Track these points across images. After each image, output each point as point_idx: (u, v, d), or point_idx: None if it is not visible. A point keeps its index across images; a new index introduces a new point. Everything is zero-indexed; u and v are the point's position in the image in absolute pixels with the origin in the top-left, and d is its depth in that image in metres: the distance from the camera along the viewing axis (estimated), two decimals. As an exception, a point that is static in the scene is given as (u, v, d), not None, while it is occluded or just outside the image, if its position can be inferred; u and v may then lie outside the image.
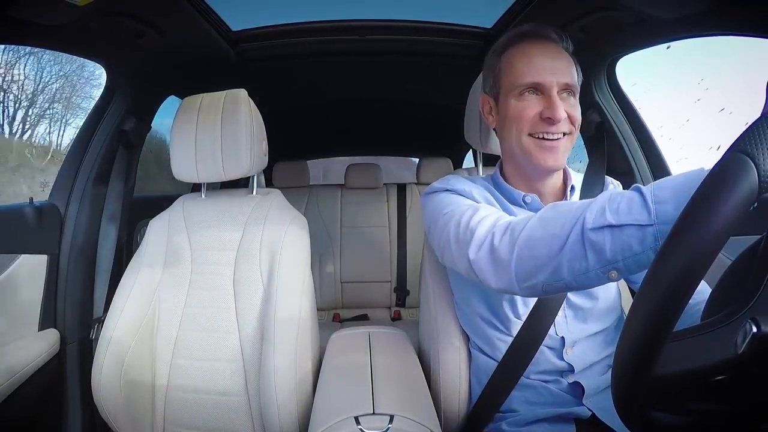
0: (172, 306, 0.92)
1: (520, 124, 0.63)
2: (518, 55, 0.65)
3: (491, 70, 0.69)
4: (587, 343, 0.69)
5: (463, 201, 0.65)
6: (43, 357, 0.96)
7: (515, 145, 0.65)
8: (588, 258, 0.44)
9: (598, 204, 0.44)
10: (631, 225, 0.41)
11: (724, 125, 1.55)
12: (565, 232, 0.46)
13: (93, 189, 1.11)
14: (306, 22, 1.15)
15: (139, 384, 0.88)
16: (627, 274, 0.43)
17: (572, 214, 0.46)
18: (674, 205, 0.39)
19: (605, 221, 0.42)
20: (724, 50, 1.42)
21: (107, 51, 1.01)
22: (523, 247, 0.49)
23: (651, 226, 0.40)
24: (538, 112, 0.62)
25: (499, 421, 0.69)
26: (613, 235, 0.42)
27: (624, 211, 0.42)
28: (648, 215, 0.40)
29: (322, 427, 0.55)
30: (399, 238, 1.92)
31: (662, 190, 0.40)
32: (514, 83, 0.64)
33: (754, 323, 0.27)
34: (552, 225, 0.48)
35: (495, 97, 0.69)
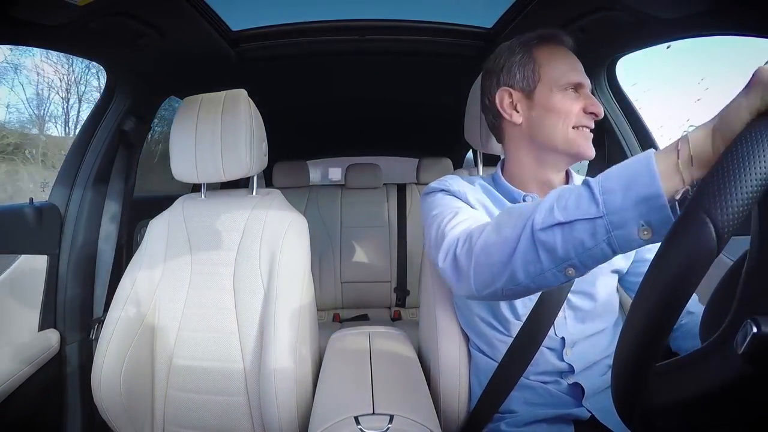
0: (172, 306, 0.92)
1: (569, 117, 0.65)
2: (557, 54, 0.68)
3: (524, 63, 0.68)
4: (587, 343, 0.69)
5: (451, 203, 0.66)
6: (43, 357, 0.96)
7: (560, 137, 0.66)
8: (541, 259, 0.44)
9: (547, 203, 0.44)
10: (580, 220, 0.40)
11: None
12: (516, 235, 0.45)
13: (93, 189, 1.11)
14: (306, 22, 1.15)
15: (139, 384, 0.88)
16: (585, 270, 0.43)
17: (523, 215, 0.46)
18: (622, 194, 0.38)
19: (554, 219, 0.42)
20: (724, 50, 1.41)
21: (107, 51, 1.01)
22: (480, 254, 0.49)
23: (600, 218, 0.39)
24: (582, 107, 0.65)
25: (498, 421, 0.70)
26: (563, 233, 0.42)
27: (572, 206, 0.41)
28: (597, 207, 0.39)
29: (322, 426, 0.55)
30: (399, 238, 1.92)
31: (609, 180, 0.40)
32: (560, 79, 0.66)
33: (754, 323, 0.27)
34: (504, 229, 0.48)
35: (528, 91, 0.68)
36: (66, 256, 1.06)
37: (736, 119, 0.34)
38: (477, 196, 0.72)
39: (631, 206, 0.37)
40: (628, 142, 1.11)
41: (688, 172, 0.36)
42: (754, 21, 0.68)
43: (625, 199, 0.38)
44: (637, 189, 0.37)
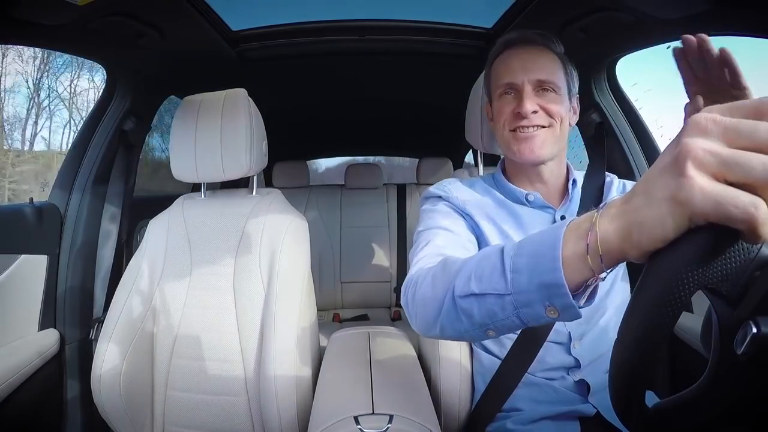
0: (172, 306, 0.92)
1: (500, 121, 0.70)
2: (499, 61, 0.72)
3: (486, 77, 0.76)
4: (594, 335, 0.69)
5: (437, 221, 0.68)
6: (43, 357, 0.96)
7: (501, 142, 0.72)
8: (462, 321, 0.45)
9: (468, 269, 0.45)
10: (491, 294, 0.41)
11: (724, 125, 1.53)
12: (441, 296, 0.47)
13: (93, 189, 1.11)
14: (306, 22, 1.15)
15: (139, 384, 0.88)
16: (504, 333, 0.44)
17: (450, 276, 0.47)
18: (527, 276, 0.38)
19: (470, 290, 0.43)
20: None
21: (107, 51, 1.01)
22: (418, 304, 0.52)
23: (509, 296, 0.39)
24: (512, 109, 0.68)
25: (503, 419, 0.69)
26: (478, 302, 0.42)
27: (486, 279, 0.42)
28: (505, 285, 0.39)
29: (322, 426, 0.55)
30: (399, 238, 1.92)
31: (519, 257, 0.39)
32: (495, 85, 0.71)
33: (754, 323, 0.27)
34: (437, 284, 0.49)
35: (491, 100, 0.75)
36: (66, 256, 1.06)
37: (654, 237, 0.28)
38: (477, 198, 0.72)
39: (535, 289, 0.37)
40: (628, 142, 1.11)
41: (598, 265, 0.33)
42: (754, 21, 0.68)
43: (529, 282, 0.37)
44: (541, 275, 0.36)
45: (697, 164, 0.25)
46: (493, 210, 0.71)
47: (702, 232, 0.26)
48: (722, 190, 0.24)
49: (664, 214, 0.27)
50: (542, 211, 0.71)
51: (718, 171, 0.25)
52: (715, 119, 0.25)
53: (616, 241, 0.31)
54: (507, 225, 0.70)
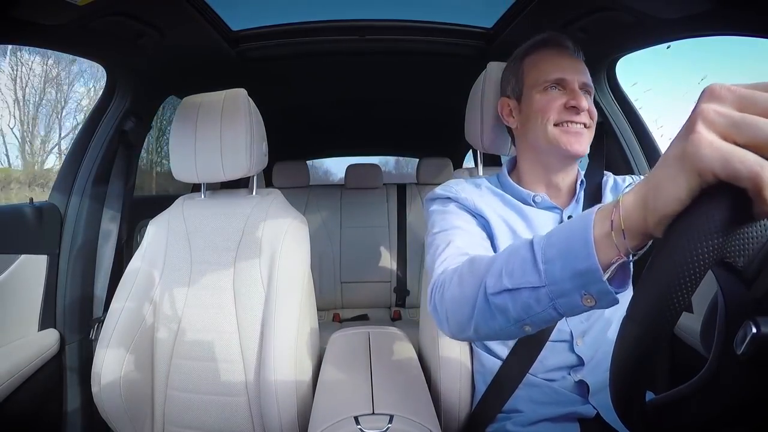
0: (172, 306, 0.92)
1: (546, 115, 0.67)
2: (542, 57, 0.71)
3: (514, 73, 0.74)
4: (597, 332, 0.69)
5: (451, 221, 0.66)
6: (43, 357, 0.96)
7: (541, 137, 0.68)
8: (497, 318, 0.44)
9: (498, 265, 0.44)
10: (525, 288, 0.40)
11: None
12: (473, 295, 0.46)
13: (93, 189, 1.11)
14: (306, 22, 1.15)
15: (139, 384, 0.88)
16: (541, 327, 0.43)
17: (479, 274, 0.46)
18: (561, 265, 0.37)
19: (502, 285, 0.43)
20: (724, 50, 1.40)
21: (107, 51, 1.01)
22: (449, 307, 0.51)
23: (543, 287, 0.39)
24: (563, 102, 0.66)
25: (503, 420, 0.69)
26: (512, 298, 0.42)
27: (518, 273, 0.41)
28: (539, 277, 0.39)
29: (322, 426, 0.56)
30: (399, 238, 1.91)
31: (551, 247, 0.39)
32: (539, 79, 0.69)
33: (754, 323, 0.27)
34: (465, 284, 0.48)
35: (518, 97, 0.73)
36: (66, 256, 1.06)
37: (669, 198, 0.28)
38: (485, 199, 0.71)
39: (569, 278, 0.37)
40: (628, 142, 1.11)
41: (622, 242, 0.33)
42: (754, 21, 0.68)
43: (563, 271, 0.37)
44: (574, 262, 0.36)
45: (708, 123, 0.26)
46: (503, 210, 0.71)
47: (716, 200, 0.26)
48: (730, 147, 0.25)
49: (676, 172, 0.28)
50: (549, 211, 0.71)
51: (727, 131, 0.25)
52: (730, 88, 0.26)
53: (636, 212, 0.32)
54: (517, 225, 0.69)
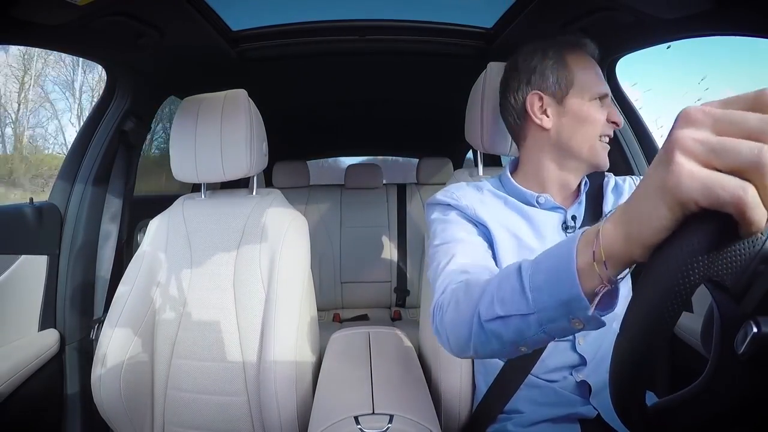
0: (172, 306, 0.92)
1: (596, 127, 0.66)
2: (587, 63, 0.69)
3: (557, 68, 0.68)
4: (599, 331, 0.68)
5: (453, 234, 0.65)
6: (43, 357, 0.96)
7: (586, 146, 0.67)
8: (493, 342, 0.46)
9: (490, 292, 0.45)
10: (515, 315, 0.41)
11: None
12: (469, 320, 0.47)
13: (93, 189, 1.11)
14: (306, 22, 1.15)
15: (139, 384, 0.88)
16: (536, 347, 0.44)
17: (474, 301, 0.47)
18: (548, 293, 0.38)
19: (494, 313, 0.44)
20: (724, 50, 1.40)
21: (107, 51, 1.01)
22: (449, 329, 0.52)
23: (533, 314, 0.40)
24: (606, 117, 0.67)
25: (504, 421, 0.69)
26: (505, 324, 0.43)
27: (508, 301, 0.42)
28: (527, 304, 0.40)
29: (322, 426, 0.56)
30: (399, 238, 1.92)
31: (538, 274, 0.40)
32: (592, 89, 0.67)
33: (755, 323, 0.27)
34: (461, 311, 0.49)
35: (559, 97, 0.68)
36: (66, 256, 1.06)
37: (653, 229, 0.28)
38: (486, 205, 0.70)
39: (556, 306, 0.37)
40: (627, 142, 1.11)
41: (605, 272, 0.33)
42: (754, 21, 0.68)
43: (550, 299, 0.38)
44: (560, 292, 0.37)
45: (685, 152, 0.25)
46: (504, 214, 0.70)
47: (701, 222, 0.26)
48: (709, 174, 0.25)
49: (658, 203, 0.27)
50: (553, 211, 0.71)
51: (706, 158, 0.25)
52: (704, 110, 0.26)
53: (618, 243, 0.31)
54: (520, 229, 0.69)
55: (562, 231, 0.69)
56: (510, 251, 0.66)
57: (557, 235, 0.69)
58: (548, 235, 0.68)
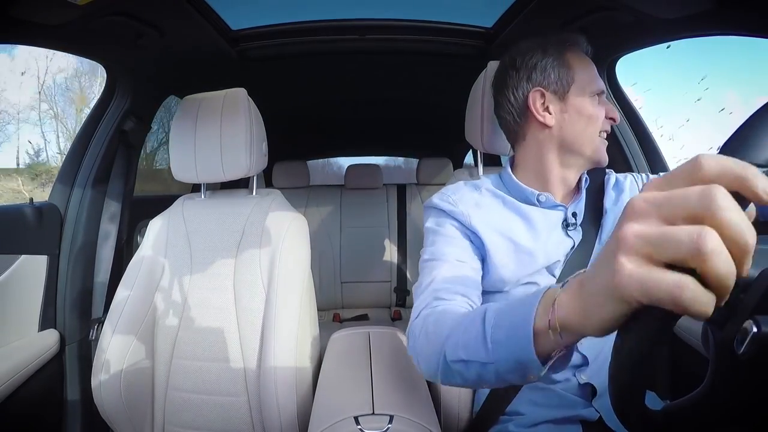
0: (172, 306, 0.92)
1: (597, 123, 0.67)
2: (585, 60, 0.70)
3: (557, 66, 0.67)
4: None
5: (439, 248, 0.67)
6: (43, 357, 0.96)
7: (587, 143, 0.68)
8: (457, 378, 0.49)
9: (456, 336, 0.48)
10: (476, 361, 0.44)
11: (724, 125, 1.54)
12: (436, 354, 0.50)
13: (93, 189, 1.11)
14: (306, 21, 1.15)
15: (139, 384, 0.88)
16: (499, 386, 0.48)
17: (441, 338, 0.50)
18: (505, 349, 0.40)
19: (458, 356, 0.46)
20: (724, 50, 1.40)
21: (107, 51, 1.01)
22: (420, 357, 0.55)
23: (492, 364, 0.42)
24: (605, 114, 0.68)
25: (505, 422, 0.69)
26: (467, 367, 0.46)
27: (471, 347, 0.44)
28: (487, 354, 0.42)
29: (322, 426, 0.55)
30: (399, 238, 1.92)
31: (498, 329, 0.41)
32: (591, 85, 0.68)
33: (754, 323, 0.27)
34: (431, 341, 0.52)
35: (561, 94, 0.67)
36: (66, 256, 1.06)
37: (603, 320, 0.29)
38: (484, 205, 0.70)
39: (513, 362, 0.40)
40: (627, 142, 1.11)
41: (559, 340, 0.34)
42: (754, 21, 0.68)
43: (507, 355, 0.40)
44: (516, 352, 0.38)
45: (627, 251, 0.25)
46: (501, 216, 0.70)
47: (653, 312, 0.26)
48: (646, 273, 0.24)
49: (605, 300, 0.28)
50: (553, 209, 0.71)
51: (647, 254, 0.25)
52: (647, 198, 0.25)
53: (574, 317, 0.32)
54: (516, 232, 0.68)
55: (563, 229, 0.69)
56: (506, 255, 0.67)
57: (557, 234, 0.69)
58: (546, 234, 0.68)
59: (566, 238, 0.69)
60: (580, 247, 0.68)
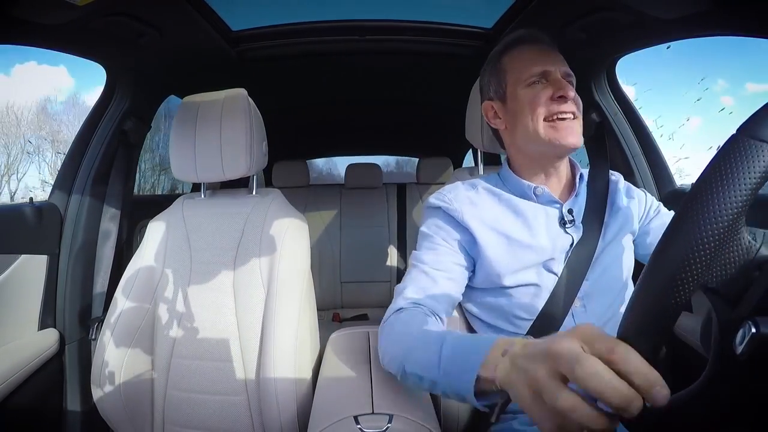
0: (172, 306, 0.92)
1: (535, 110, 0.66)
2: (521, 53, 0.71)
3: (494, 74, 0.73)
4: (605, 328, 0.68)
5: (426, 257, 0.69)
6: (43, 357, 0.96)
7: (532, 135, 0.67)
8: (414, 385, 0.56)
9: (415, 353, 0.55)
10: (428, 378, 0.52)
11: (724, 125, 1.54)
12: (397, 362, 0.57)
13: (93, 189, 1.11)
14: (306, 22, 1.15)
15: (139, 384, 0.88)
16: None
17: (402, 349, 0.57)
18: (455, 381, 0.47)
19: (414, 370, 0.54)
20: (724, 50, 1.40)
21: (107, 51, 1.01)
22: (384, 358, 0.62)
23: (440, 385, 0.50)
24: (549, 95, 0.66)
25: (509, 420, 0.69)
26: (421, 380, 0.53)
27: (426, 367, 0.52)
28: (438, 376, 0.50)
29: (322, 426, 0.56)
30: (399, 237, 1.92)
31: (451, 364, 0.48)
32: (522, 76, 0.68)
33: (754, 324, 0.27)
34: (394, 350, 0.59)
35: (501, 97, 0.72)
36: (66, 256, 1.06)
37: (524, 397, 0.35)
38: (478, 203, 0.71)
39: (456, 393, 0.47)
40: (628, 142, 1.11)
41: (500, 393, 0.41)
42: (754, 21, 0.68)
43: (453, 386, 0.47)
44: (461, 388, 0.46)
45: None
46: (496, 213, 0.71)
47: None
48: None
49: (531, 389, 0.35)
50: (549, 206, 0.71)
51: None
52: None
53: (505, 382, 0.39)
54: (510, 227, 0.69)
55: (560, 227, 0.70)
56: (499, 250, 0.68)
57: (553, 231, 0.69)
58: (542, 230, 0.69)
59: (564, 234, 0.69)
60: (581, 244, 0.68)
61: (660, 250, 0.30)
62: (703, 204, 0.28)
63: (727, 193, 0.27)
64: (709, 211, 0.28)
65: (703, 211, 0.28)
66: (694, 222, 0.28)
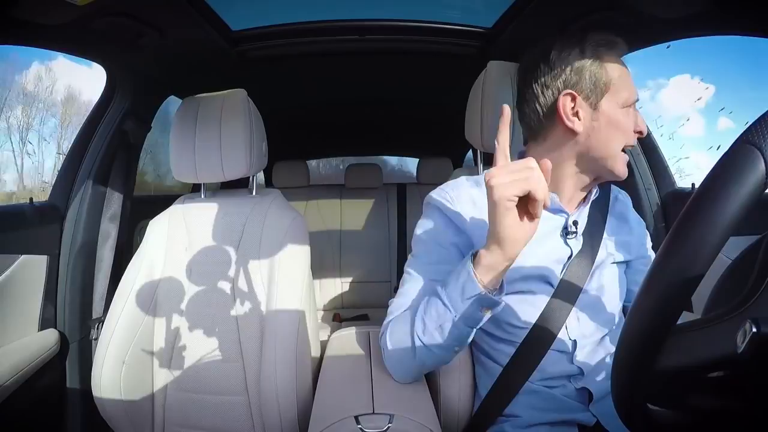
0: (172, 306, 0.92)
1: (627, 136, 0.64)
2: (623, 67, 0.65)
3: (593, 72, 0.63)
4: (597, 343, 0.68)
5: (418, 264, 0.71)
6: (43, 357, 0.96)
7: (613, 153, 0.64)
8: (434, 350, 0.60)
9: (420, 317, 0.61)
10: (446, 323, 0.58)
11: (724, 125, 1.53)
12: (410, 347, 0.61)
13: (93, 189, 1.11)
14: (306, 22, 1.15)
15: (139, 384, 0.88)
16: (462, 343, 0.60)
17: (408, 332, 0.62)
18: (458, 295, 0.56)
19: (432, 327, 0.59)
20: (724, 50, 1.39)
21: (107, 51, 1.01)
22: (393, 365, 0.66)
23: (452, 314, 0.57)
24: (633, 127, 0.64)
25: (502, 422, 0.69)
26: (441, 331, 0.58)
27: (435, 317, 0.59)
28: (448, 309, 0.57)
29: (322, 426, 0.56)
30: (399, 237, 1.92)
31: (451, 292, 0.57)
32: (627, 96, 0.63)
33: (754, 323, 0.27)
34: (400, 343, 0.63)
35: (595, 100, 0.63)
36: (66, 256, 1.06)
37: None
38: (481, 204, 0.68)
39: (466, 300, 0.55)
40: (628, 142, 1.11)
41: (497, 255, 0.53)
42: (754, 21, 0.68)
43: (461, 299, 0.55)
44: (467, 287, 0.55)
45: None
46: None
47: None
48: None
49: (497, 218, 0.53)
50: (556, 214, 0.69)
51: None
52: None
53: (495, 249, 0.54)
54: None
55: (562, 237, 0.68)
56: None
57: (553, 241, 0.68)
58: (541, 239, 0.64)
59: (564, 246, 0.68)
60: (580, 256, 0.67)
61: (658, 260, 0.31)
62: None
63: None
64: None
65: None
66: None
